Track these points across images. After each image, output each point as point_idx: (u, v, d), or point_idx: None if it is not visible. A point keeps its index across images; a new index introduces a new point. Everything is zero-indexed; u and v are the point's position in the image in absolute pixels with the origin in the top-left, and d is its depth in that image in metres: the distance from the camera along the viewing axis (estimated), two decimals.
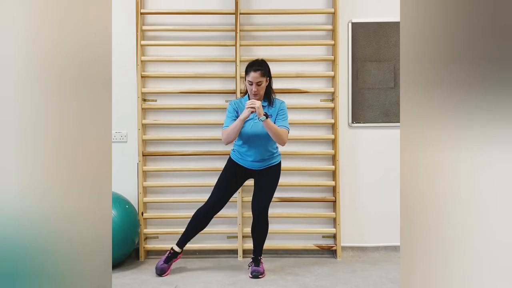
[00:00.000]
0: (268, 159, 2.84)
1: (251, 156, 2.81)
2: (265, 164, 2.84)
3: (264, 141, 2.77)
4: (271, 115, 2.76)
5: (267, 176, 2.85)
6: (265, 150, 2.80)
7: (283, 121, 2.77)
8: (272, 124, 2.68)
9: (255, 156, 2.80)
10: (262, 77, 2.71)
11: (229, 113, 2.82)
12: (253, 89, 2.70)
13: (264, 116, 2.62)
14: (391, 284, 2.71)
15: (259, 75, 2.69)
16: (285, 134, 2.73)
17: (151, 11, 3.32)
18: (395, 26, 3.35)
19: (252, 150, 2.79)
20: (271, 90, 2.84)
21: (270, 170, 2.86)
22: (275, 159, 2.88)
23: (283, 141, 2.73)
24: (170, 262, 2.90)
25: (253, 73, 2.69)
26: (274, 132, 2.67)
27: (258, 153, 2.80)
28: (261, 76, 2.70)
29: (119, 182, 3.29)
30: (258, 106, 2.61)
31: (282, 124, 2.75)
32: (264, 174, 2.85)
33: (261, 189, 2.83)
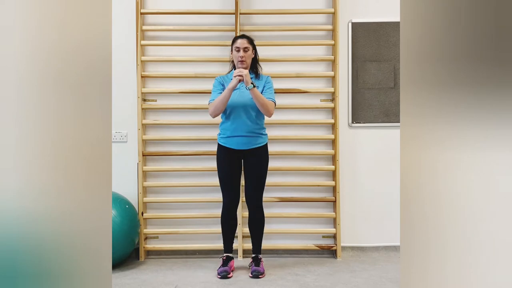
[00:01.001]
0: (255, 136, 2.81)
1: (236, 130, 2.78)
2: (252, 143, 2.81)
3: (250, 111, 2.78)
4: (258, 86, 2.79)
5: (256, 159, 2.83)
6: (251, 122, 2.79)
7: (270, 94, 2.82)
8: (259, 94, 2.71)
9: (240, 129, 2.78)
10: (249, 44, 2.82)
11: (215, 87, 2.85)
12: (240, 54, 2.78)
13: (251, 85, 2.65)
14: (391, 284, 2.71)
15: (246, 41, 2.81)
16: (271, 105, 2.77)
17: (151, 11, 3.32)
18: (395, 26, 3.35)
19: (237, 122, 2.78)
20: (257, 63, 2.91)
21: (257, 152, 2.84)
22: (262, 139, 2.86)
23: (269, 112, 2.76)
24: (229, 265, 2.90)
25: (240, 40, 2.82)
26: (261, 102, 2.70)
27: (244, 125, 2.78)
28: (248, 42, 2.82)
29: (119, 182, 3.29)
30: (245, 74, 2.66)
31: (269, 96, 2.80)
32: (253, 156, 2.83)
33: (252, 179, 2.84)
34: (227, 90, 2.69)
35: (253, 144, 2.82)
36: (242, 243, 3.27)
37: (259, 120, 2.83)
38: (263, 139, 2.87)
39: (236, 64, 2.84)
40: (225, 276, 2.81)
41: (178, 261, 3.17)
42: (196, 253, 3.35)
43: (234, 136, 2.80)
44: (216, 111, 2.75)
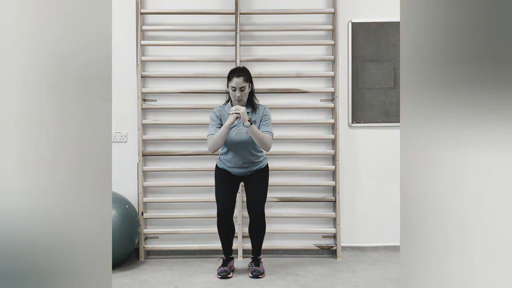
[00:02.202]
0: (254, 164, 2.83)
1: (236, 163, 2.80)
2: (252, 169, 2.84)
3: (248, 147, 2.78)
4: (255, 121, 2.77)
5: (256, 180, 2.85)
6: (250, 155, 2.80)
7: (267, 127, 2.78)
8: (257, 130, 2.68)
9: (240, 162, 2.80)
10: (245, 83, 2.74)
11: (213, 120, 2.82)
12: (237, 94, 2.72)
13: (248, 122, 2.63)
14: (391, 284, 2.72)
15: (242, 81, 2.72)
16: (269, 139, 2.74)
17: (151, 11, 3.32)
18: (395, 26, 3.35)
19: (237, 157, 2.79)
20: (253, 96, 2.85)
21: (258, 174, 2.86)
22: (262, 163, 2.88)
23: (267, 147, 2.74)
24: (229, 265, 2.90)
25: (236, 79, 2.72)
26: (259, 138, 2.68)
27: (243, 159, 2.79)
28: (244, 81, 2.72)
29: (119, 182, 3.29)
30: (242, 112, 2.63)
31: (266, 129, 2.76)
32: (253, 178, 2.85)
33: (253, 192, 2.84)
34: (225, 127, 2.67)
35: (253, 169, 2.85)
36: (242, 243, 3.27)
37: (257, 151, 2.84)
38: (262, 163, 2.89)
39: (233, 101, 2.79)
40: (225, 276, 2.81)
41: (178, 261, 3.17)
42: (196, 253, 3.35)
43: (234, 167, 2.82)
44: (214, 147, 2.73)
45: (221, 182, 2.88)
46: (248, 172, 2.84)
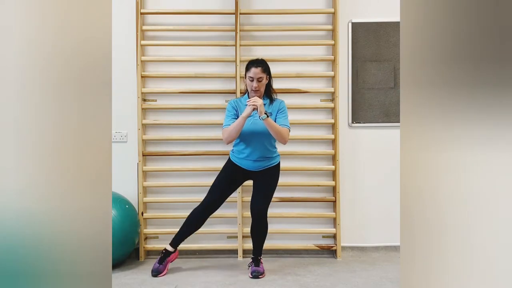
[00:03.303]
0: (267, 159, 2.83)
1: (250, 155, 2.80)
2: (264, 164, 2.83)
3: (263, 139, 2.77)
4: (271, 113, 2.77)
5: (266, 178, 2.84)
6: (264, 148, 2.80)
7: (284, 120, 2.78)
8: (273, 123, 2.68)
9: (254, 154, 2.79)
10: (263, 73, 2.74)
11: (229, 112, 2.81)
12: (254, 84, 2.72)
13: (265, 115, 2.62)
14: (391, 284, 2.71)
15: (260, 71, 2.72)
16: (286, 132, 2.73)
17: (151, 11, 3.32)
18: (395, 26, 3.35)
19: (250, 147, 2.78)
20: (271, 88, 2.86)
21: (269, 172, 2.85)
22: (274, 160, 2.87)
23: (284, 139, 2.72)
24: (165, 262, 2.89)
25: (254, 69, 2.72)
26: (275, 130, 2.67)
27: (257, 151, 2.79)
28: (262, 72, 2.73)
29: (119, 182, 3.29)
30: (260, 104, 2.61)
31: (283, 122, 2.76)
32: (263, 175, 2.84)
33: (260, 191, 2.82)
34: (241, 118, 2.66)
35: (265, 166, 2.84)
36: (242, 243, 3.27)
37: (272, 145, 2.84)
38: (275, 160, 2.88)
39: (249, 92, 2.79)
40: (156, 275, 2.82)
41: (178, 261, 3.16)
42: (196, 253, 3.35)
43: (248, 159, 2.81)
44: (229, 138, 2.73)
45: (224, 175, 2.87)
46: (260, 167, 2.82)
